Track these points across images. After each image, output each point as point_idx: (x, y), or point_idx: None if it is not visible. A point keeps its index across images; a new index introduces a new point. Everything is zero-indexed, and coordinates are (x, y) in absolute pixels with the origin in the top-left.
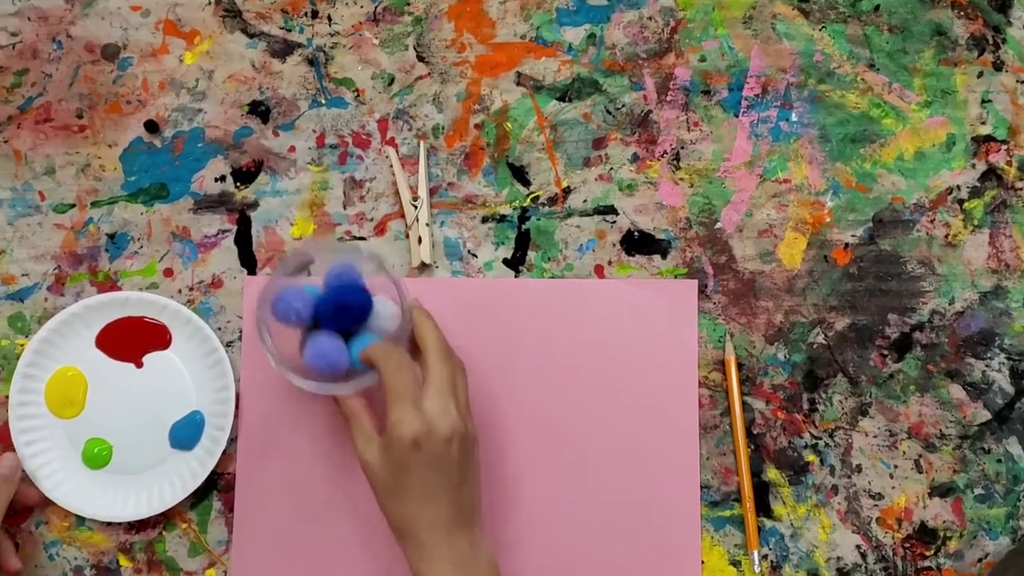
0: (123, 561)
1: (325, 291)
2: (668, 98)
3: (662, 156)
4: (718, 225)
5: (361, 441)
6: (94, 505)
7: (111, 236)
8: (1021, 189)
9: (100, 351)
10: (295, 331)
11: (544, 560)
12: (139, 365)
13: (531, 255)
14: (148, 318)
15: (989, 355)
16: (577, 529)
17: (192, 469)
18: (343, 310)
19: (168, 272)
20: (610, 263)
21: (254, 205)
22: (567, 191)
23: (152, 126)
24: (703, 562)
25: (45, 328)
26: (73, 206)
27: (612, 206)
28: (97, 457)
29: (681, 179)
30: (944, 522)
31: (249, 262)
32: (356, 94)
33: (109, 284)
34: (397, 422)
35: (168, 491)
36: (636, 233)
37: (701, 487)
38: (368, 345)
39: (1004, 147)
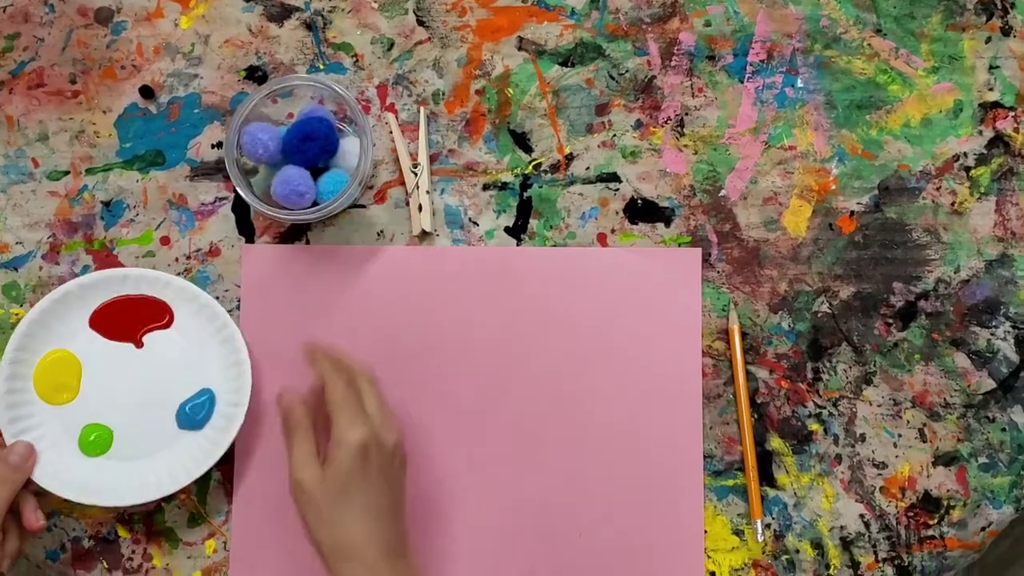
0: (122, 532)
1: (292, 123)
2: (672, 63)
3: (666, 122)
4: (722, 193)
5: (300, 458)
6: (94, 492)
7: (106, 204)
8: None
9: (94, 332)
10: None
11: (546, 529)
12: (139, 345)
13: (533, 223)
14: (147, 296)
15: (994, 324)
16: (580, 498)
17: (204, 449)
18: (308, 140)
19: (165, 240)
20: (613, 231)
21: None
22: (569, 158)
23: (147, 92)
24: (706, 531)
25: (35, 310)
26: (67, 173)
27: (615, 173)
28: (95, 443)
29: (685, 146)
30: (948, 491)
31: (247, 230)
32: (355, 59)
33: (105, 252)
34: (348, 426)
35: (180, 472)
36: (639, 201)
37: (704, 456)
38: (314, 350)
39: (1012, 114)
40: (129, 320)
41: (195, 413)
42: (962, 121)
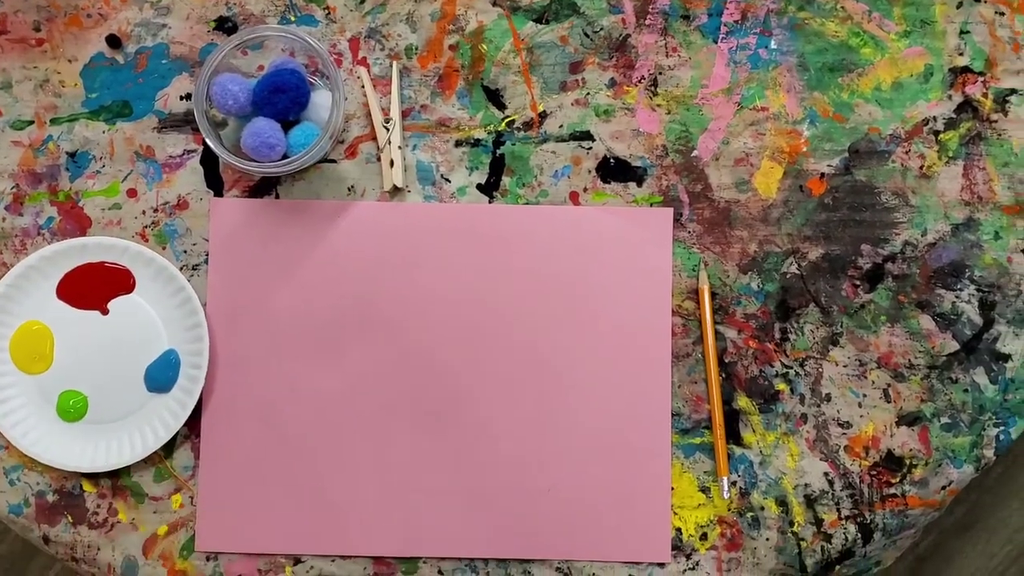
0: (87, 487)
1: (263, 75)
2: (647, 22)
3: (640, 82)
4: (695, 153)
5: None
6: (76, 458)
7: (72, 155)
8: (996, 122)
9: (62, 302)
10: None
11: (516, 486)
12: (105, 312)
13: (505, 181)
14: (108, 263)
15: (959, 286)
16: (548, 455)
17: (172, 410)
18: (279, 92)
19: (132, 193)
20: (585, 190)
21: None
22: (543, 116)
23: (114, 41)
24: (673, 488)
25: (1, 284)
26: (31, 123)
27: (588, 132)
28: (72, 410)
29: (658, 105)
30: (910, 450)
31: (216, 183)
32: (327, 12)
33: (70, 204)
34: None
35: (150, 436)
36: (612, 160)
37: (672, 415)
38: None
39: (981, 79)
40: (94, 288)
41: (162, 375)
42: (932, 85)
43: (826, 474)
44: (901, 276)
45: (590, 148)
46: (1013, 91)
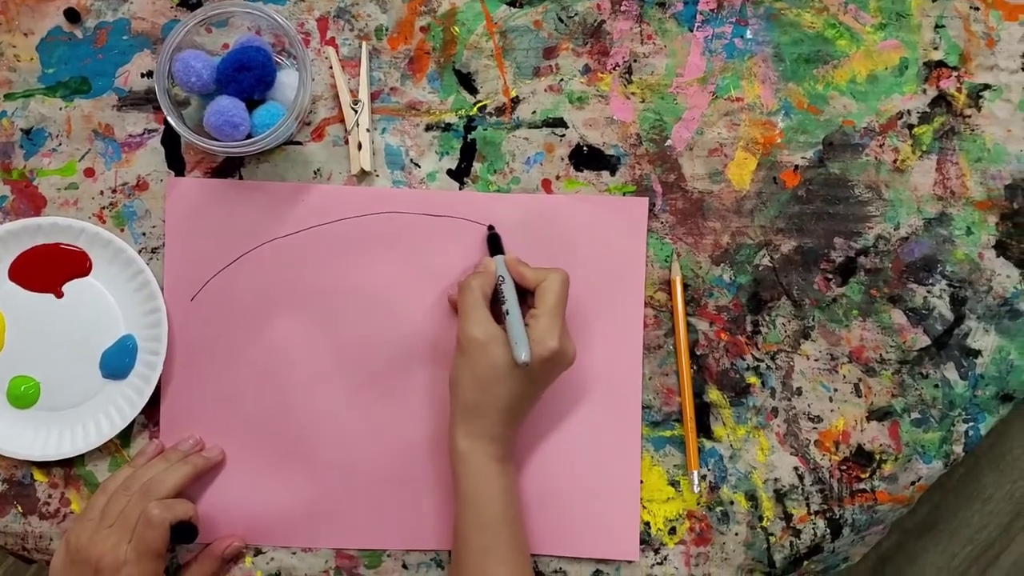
0: (38, 476)
1: (228, 52)
2: (622, 8)
3: (614, 69)
4: (668, 142)
5: (480, 317)
6: (27, 446)
7: (27, 132)
8: (969, 117)
9: (15, 284)
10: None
11: None
12: (59, 295)
13: (477, 167)
14: (64, 244)
15: (931, 281)
16: (518, 446)
17: (128, 398)
18: (244, 70)
19: (89, 172)
20: (558, 178)
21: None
22: (515, 101)
23: (73, 15)
24: (642, 482)
25: None
26: None
27: (561, 119)
28: (24, 396)
29: (633, 94)
30: (880, 445)
31: (177, 164)
32: None
33: (24, 183)
34: (547, 332)
35: (105, 424)
36: (585, 148)
37: (643, 407)
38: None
39: (955, 73)
40: (48, 270)
41: (118, 361)
42: (907, 79)
43: (796, 468)
44: (873, 270)
45: (563, 135)
46: (987, 86)
